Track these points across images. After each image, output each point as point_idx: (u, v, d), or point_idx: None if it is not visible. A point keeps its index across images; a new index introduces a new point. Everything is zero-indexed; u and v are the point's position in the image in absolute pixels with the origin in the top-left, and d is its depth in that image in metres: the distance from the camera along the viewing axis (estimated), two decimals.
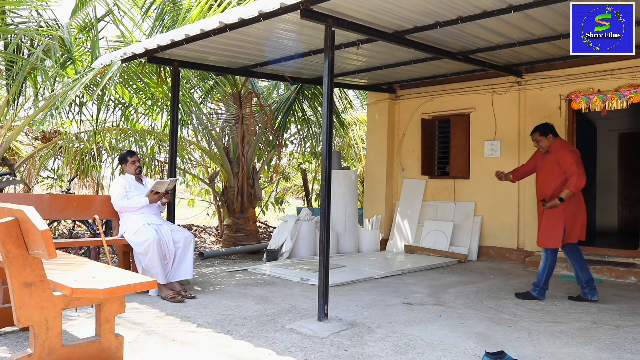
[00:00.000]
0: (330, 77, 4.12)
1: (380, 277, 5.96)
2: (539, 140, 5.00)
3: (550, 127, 5.03)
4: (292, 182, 14.66)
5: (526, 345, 3.48)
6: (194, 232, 10.47)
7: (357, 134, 12.10)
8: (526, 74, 7.12)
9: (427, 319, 4.14)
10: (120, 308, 3.00)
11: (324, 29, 4.23)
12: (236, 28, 4.65)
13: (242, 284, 5.45)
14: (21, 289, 2.63)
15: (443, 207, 7.96)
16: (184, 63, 6.07)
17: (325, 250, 4.06)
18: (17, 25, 6.54)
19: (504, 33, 5.25)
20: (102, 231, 4.86)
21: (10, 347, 3.29)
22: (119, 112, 7.89)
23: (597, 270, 6.08)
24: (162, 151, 8.56)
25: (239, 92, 8.17)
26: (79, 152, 7.96)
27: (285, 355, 3.23)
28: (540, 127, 5.04)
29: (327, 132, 4.14)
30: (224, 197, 8.46)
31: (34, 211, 2.52)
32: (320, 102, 8.92)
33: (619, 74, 6.39)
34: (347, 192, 8.00)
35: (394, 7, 4.38)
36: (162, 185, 5.07)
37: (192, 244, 5.02)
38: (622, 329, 3.92)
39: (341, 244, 7.88)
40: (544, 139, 4.97)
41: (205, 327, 3.84)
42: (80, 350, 2.84)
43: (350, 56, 6.16)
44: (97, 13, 7.01)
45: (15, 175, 6.95)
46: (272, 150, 9.31)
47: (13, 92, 6.37)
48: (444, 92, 8.03)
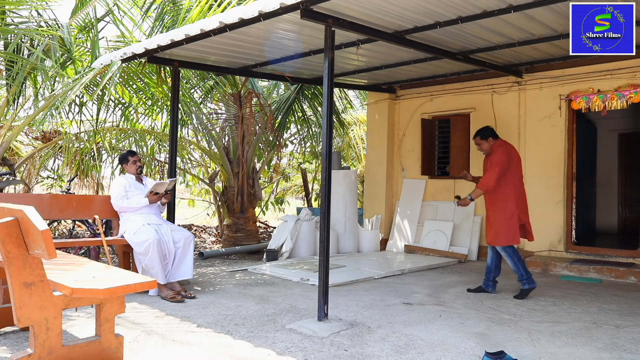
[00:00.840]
0: (330, 77, 4.12)
1: (380, 277, 5.96)
2: (480, 143, 5.17)
3: (490, 130, 5.19)
4: (292, 182, 14.66)
5: (526, 345, 3.48)
6: (194, 232, 10.47)
7: (357, 134, 12.10)
8: (526, 74, 7.12)
9: (427, 319, 4.14)
10: (120, 308, 3.00)
11: (324, 29, 4.23)
12: (236, 28, 4.65)
13: (242, 284, 5.45)
14: (21, 289, 2.63)
15: (443, 207, 7.96)
16: (184, 63, 6.07)
17: (325, 250, 4.06)
18: (17, 25, 6.55)
19: (504, 33, 5.25)
20: (102, 231, 4.86)
21: (10, 347, 3.29)
22: (119, 112, 7.90)
23: (597, 270, 6.08)
24: (162, 151, 8.56)
25: (239, 92, 8.17)
26: (79, 152, 7.96)
27: (285, 355, 3.23)
28: (480, 131, 5.21)
29: (327, 132, 4.14)
30: (224, 197, 8.46)
31: (34, 211, 2.52)
32: (320, 102, 8.92)
33: (619, 74, 6.39)
34: (347, 192, 8.01)
35: (394, 7, 4.38)
36: (162, 186, 5.07)
37: (192, 244, 5.02)
38: (622, 329, 3.92)
39: (341, 244, 7.88)
40: (484, 142, 5.13)
41: (205, 327, 3.84)
42: (80, 350, 2.84)
43: (350, 56, 6.16)
44: (97, 13, 7.03)
45: (15, 175, 6.95)
46: (272, 150, 9.31)
47: (13, 92, 6.37)
48: (444, 92, 8.03)
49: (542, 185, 7.00)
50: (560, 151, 6.90)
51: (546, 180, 6.98)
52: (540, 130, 7.05)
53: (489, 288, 5.15)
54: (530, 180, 7.13)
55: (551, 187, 6.95)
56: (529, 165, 7.16)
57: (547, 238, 6.94)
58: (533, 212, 7.03)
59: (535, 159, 7.09)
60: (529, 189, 7.10)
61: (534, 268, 6.53)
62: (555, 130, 6.94)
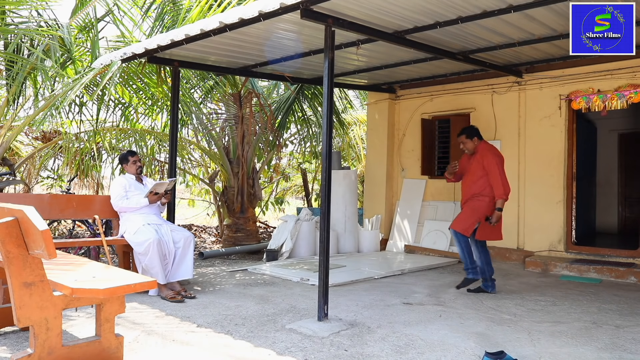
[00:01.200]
0: (330, 77, 4.12)
1: (380, 277, 5.96)
2: (465, 142, 5.24)
3: (476, 130, 5.28)
4: (292, 182, 14.66)
5: (526, 345, 3.48)
6: (194, 232, 10.47)
7: (357, 134, 12.10)
8: (526, 74, 7.12)
9: (427, 319, 4.14)
10: (120, 308, 3.00)
11: (324, 29, 4.23)
12: (236, 28, 4.65)
13: (242, 284, 5.45)
14: (21, 289, 2.63)
15: (443, 207, 7.96)
16: (184, 63, 6.07)
17: (325, 250, 4.06)
18: (17, 25, 6.55)
19: (504, 33, 5.25)
20: (102, 231, 4.86)
21: (10, 347, 3.29)
22: (119, 112, 7.90)
23: (597, 270, 6.07)
24: (162, 151, 8.56)
25: (239, 92, 8.17)
26: (79, 152, 7.96)
27: (285, 355, 3.23)
28: (466, 129, 5.30)
29: (327, 132, 4.14)
30: (224, 197, 8.46)
31: (34, 211, 2.52)
32: (320, 102, 8.92)
33: (619, 74, 6.39)
34: (347, 192, 8.00)
35: (394, 7, 4.38)
36: (162, 187, 5.07)
37: (192, 244, 5.02)
38: (622, 329, 3.92)
39: (341, 244, 7.88)
40: (469, 142, 5.21)
41: (205, 327, 3.84)
42: (80, 350, 2.84)
43: (350, 56, 6.16)
44: (97, 13, 7.03)
45: (15, 175, 6.95)
46: (272, 150, 9.31)
47: (13, 92, 6.37)
48: (444, 92, 8.04)
49: (542, 185, 7.00)
50: (560, 151, 6.90)
51: (546, 180, 6.98)
52: (540, 130, 7.05)
53: (489, 288, 5.16)
54: (530, 180, 7.15)
55: (551, 187, 6.95)
56: (529, 165, 7.17)
57: (547, 238, 6.94)
58: (533, 212, 7.09)
59: (535, 159, 7.09)
60: (529, 188, 7.14)
61: (534, 268, 6.53)
62: (555, 130, 6.94)
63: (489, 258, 5.22)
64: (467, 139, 5.21)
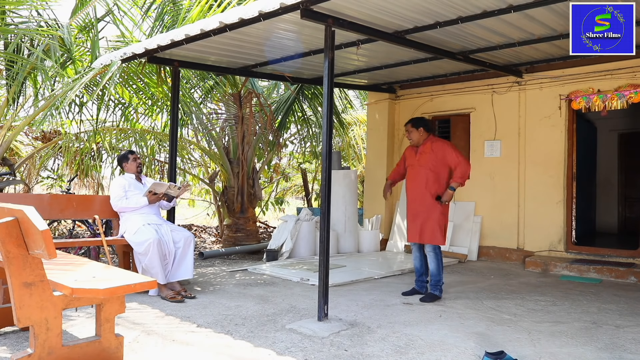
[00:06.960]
0: (330, 77, 4.12)
1: (380, 277, 5.96)
2: (410, 131, 4.98)
3: (424, 121, 5.07)
4: (292, 182, 14.66)
5: (526, 345, 3.48)
6: (194, 232, 10.47)
7: (357, 134, 12.10)
8: (526, 74, 7.12)
9: (427, 319, 4.14)
10: (120, 308, 3.00)
11: (324, 29, 4.23)
12: (236, 28, 4.65)
13: (242, 284, 5.45)
14: (21, 289, 2.63)
15: None
16: (184, 63, 6.07)
17: (325, 250, 4.06)
18: (17, 25, 6.55)
19: (504, 33, 5.25)
20: (102, 231, 4.86)
21: (10, 347, 3.29)
22: (119, 112, 7.90)
23: (597, 270, 6.07)
24: (162, 151, 8.56)
25: (239, 92, 8.17)
26: (79, 152, 7.95)
27: (285, 355, 3.23)
28: (414, 119, 5.09)
29: (327, 132, 4.14)
30: (224, 197, 8.46)
31: (34, 211, 2.52)
32: (320, 102, 8.92)
33: (619, 74, 6.39)
34: (347, 192, 8.00)
35: (394, 7, 4.38)
36: (161, 187, 5.07)
37: (192, 244, 5.02)
38: (622, 329, 3.92)
39: (341, 244, 7.87)
40: (414, 131, 4.95)
41: (205, 327, 3.84)
42: (80, 350, 2.84)
43: (350, 56, 6.16)
44: (97, 13, 7.03)
45: (15, 175, 6.95)
46: (272, 150, 9.31)
47: (13, 92, 6.37)
48: (444, 92, 8.03)
49: (542, 185, 7.00)
50: (560, 151, 6.90)
51: (546, 180, 6.98)
52: (540, 130, 7.06)
53: (423, 289, 5.00)
54: (530, 180, 7.15)
55: (551, 187, 6.95)
56: (529, 165, 7.17)
57: (547, 238, 6.94)
58: (533, 211, 7.09)
59: (535, 159, 7.09)
60: (529, 189, 7.15)
61: (534, 268, 6.53)
62: (555, 130, 6.94)
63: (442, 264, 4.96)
64: (412, 128, 4.94)
